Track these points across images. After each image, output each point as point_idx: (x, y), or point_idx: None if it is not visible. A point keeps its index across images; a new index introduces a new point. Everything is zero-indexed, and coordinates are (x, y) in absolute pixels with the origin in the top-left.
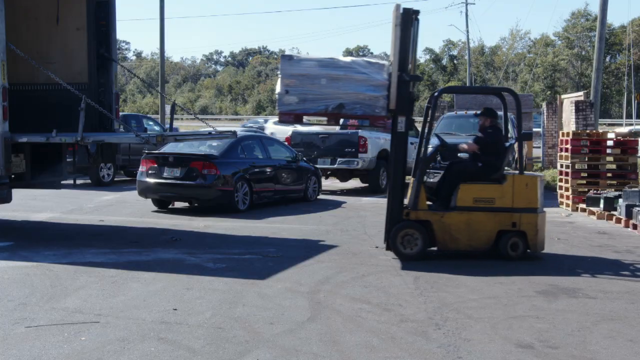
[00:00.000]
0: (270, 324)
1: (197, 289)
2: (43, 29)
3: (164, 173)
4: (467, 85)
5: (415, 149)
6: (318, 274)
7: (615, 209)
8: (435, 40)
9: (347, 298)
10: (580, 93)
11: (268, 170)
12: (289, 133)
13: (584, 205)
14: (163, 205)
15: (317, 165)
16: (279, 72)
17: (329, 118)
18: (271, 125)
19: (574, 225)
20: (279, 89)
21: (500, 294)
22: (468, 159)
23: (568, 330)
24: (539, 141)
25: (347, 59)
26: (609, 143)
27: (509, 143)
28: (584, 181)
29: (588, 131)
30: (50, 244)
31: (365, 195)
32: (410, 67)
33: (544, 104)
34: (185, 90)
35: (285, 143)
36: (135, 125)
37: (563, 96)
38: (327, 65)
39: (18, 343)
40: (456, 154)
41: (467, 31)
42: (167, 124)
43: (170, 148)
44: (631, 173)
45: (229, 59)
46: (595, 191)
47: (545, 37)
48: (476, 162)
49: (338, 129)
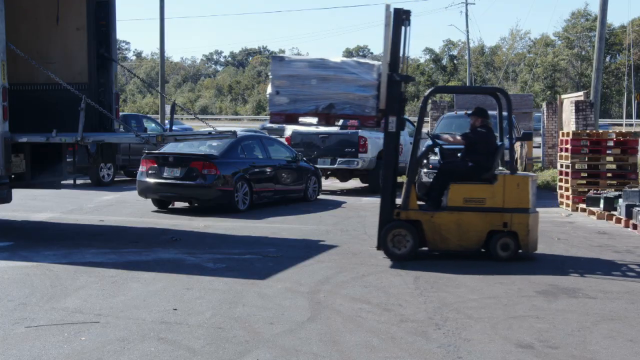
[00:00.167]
0: (270, 324)
1: (197, 289)
2: (43, 29)
3: (164, 173)
4: (468, 85)
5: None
6: (318, 274)
7: (615, 209)
8: (435, 40)
9: (347, 298)
10: (580, 93)
11: (268, 170)
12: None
13: (584, 205)
14: (163, 205)
15: (317, 165)
16: (270, 73)
17: (320, 118)
18: (290, 127)
19: (574, 225)
20: (270, 89)
21: (500, 294)
22: (459, 159)
23: (568, 330)
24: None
25: (337, 59)
26: (609, 143)
27: (500, 143)
28: (584, 181)
29: (588, 131)
30: (50, 244)
31: (365, 195)
32: (401, 67)
33: (544, 104)
34: (185, 90)
35: (285, 143)
36: (135, 125)
37: (563, 96)
38: (317, 65)
39: (18, 343)
40: (453, 154)
41: (467, 31)
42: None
43: (170, 148)
44: (631, 173)
45: (229, 59)
46: (595, 191)
47: (545, 37)
48: (466, 162)
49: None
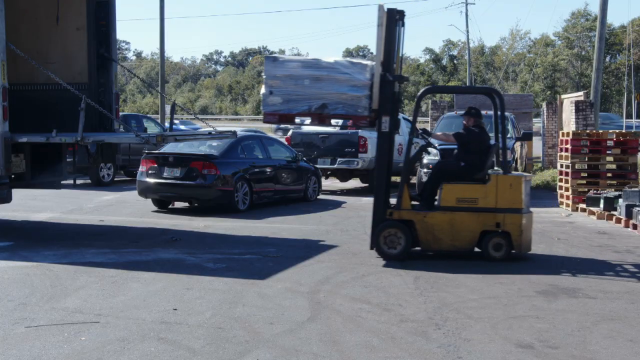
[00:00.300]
0: (270, 324)
1: (197, 289)
2: (43, 29)
3: (164, 173)
4: (467, 85)
5: (415, 149)
6: (318, 274)
7: (615, 209)
8: (435, 40)
9: (347, 298)
10: (580, 93)
11: (268, 170)
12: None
13: (584, 205)
14: (163, 205)
15: (317, 165)
16: (264, 73)
17: (313, 118)
18: (306, 128)
19: (574, 225)
20: (263, 90)
21: (500, 294)
22: (452, 158)
23: (568, 330)
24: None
25: (330, 60)
26: (609, 143)
27: (494, 143)
28: (584, 181)
29: (588, 131)
30: (50, 244)
31: (365, 195)
32: (395, 67)
33: (544, 104)
34: (185, 90)
35: (285, 143)
36: (135, 125)
37: (563, 96)
38: (311, 66)
39: (18, 343)
40: (452, 154)
41: (467, 31)
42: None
43: (170, 148)
44: (631, 173)
45: (229, 59)
46: (595, 191)
47: (545, 37)
48: (459, 162)
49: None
